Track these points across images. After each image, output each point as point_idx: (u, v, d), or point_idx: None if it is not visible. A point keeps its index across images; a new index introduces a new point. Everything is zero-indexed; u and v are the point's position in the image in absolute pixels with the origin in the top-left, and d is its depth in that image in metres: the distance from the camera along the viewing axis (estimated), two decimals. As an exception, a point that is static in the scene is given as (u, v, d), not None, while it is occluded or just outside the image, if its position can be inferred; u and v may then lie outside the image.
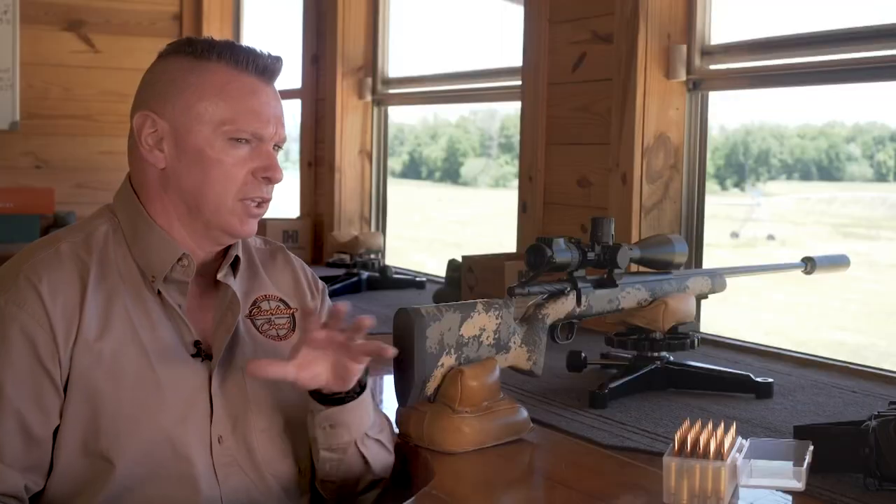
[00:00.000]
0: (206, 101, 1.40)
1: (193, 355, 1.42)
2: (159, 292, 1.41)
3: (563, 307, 1.80)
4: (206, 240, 1.45)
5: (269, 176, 1.43)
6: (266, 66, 1.43)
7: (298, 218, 4.17)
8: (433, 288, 3.26)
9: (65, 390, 1.35)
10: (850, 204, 16.48)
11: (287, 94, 4.64)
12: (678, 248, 1.96)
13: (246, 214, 1.43)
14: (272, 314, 1.52)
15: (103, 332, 1.36)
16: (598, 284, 1.87)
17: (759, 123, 18.51)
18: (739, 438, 1.44)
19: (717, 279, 2.05)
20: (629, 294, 1.91)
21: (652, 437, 1.67)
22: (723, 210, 15.73)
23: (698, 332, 2.08)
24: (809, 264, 2.16)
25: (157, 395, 1.37)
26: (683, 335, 1.99)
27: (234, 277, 1.48)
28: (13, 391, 1.33)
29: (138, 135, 1.41)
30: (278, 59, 1.46)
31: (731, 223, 15.34)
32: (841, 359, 2.30)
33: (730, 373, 2.02)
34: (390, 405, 1.89)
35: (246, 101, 1.41)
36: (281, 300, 1.54)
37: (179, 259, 1.42)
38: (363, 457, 1.47)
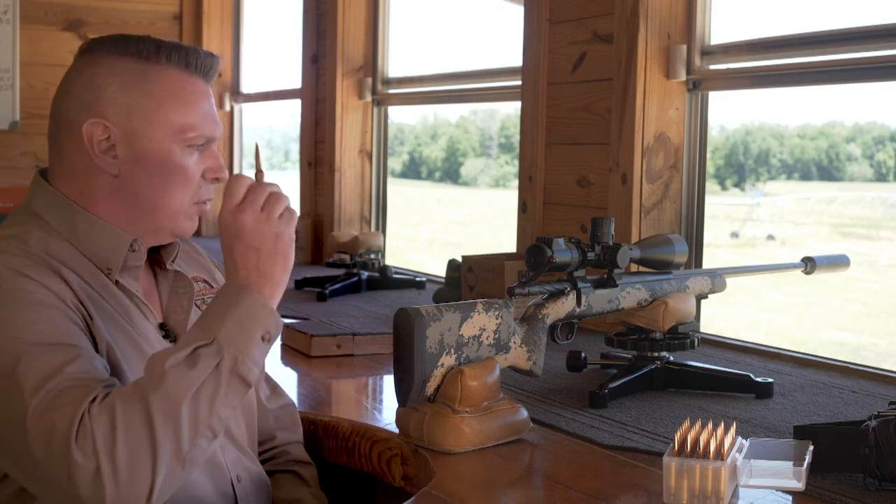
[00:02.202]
0: (164, 108, 1.36)
1: (164, 337, 1.43)
2: (117, 282, 1.39)
3: (563, 307, 1.80)
4: (150, 237, 1.43)
5: (219, 176, 1.43)
6: (210, 67, 1.42)
7: (298, 218, 4.17)
8: (433, 288, 3.26)
9: None
10: (850, 204, 16.48)
11: (287, 94, 4.65)
12: (678, 248, 1.96)
13: (195, 216, 1.43)
14: (204, 294, 1.54)
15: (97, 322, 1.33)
16: (598, 284, 1.87)
17: (759, 123, 18.52)
18: (739, 438, 1.44)
19: (717, 279, 2.05)
20: (629, 294, 1.91)
21: (652, 437, 1.67)
22: (723, 210, 15.74)
23: (698, 332, 2.08)
24: (809, 264, 2.17)
25: None
26: (683, 335, 1.99)
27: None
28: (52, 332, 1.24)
29: (89, 142, 1.35)
30: (218, 59, 1.44)
31: (731, 223, 15.35)
32: (841, 359, 2.30)
33: (730, 373, 2.02)
34: (390, 405, 1.90)
35: (200, 105, 1.39)
36: (204, 280, 1.57)
37: (130, 246, 1.39)
38: None
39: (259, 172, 1.34)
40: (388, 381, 2.13)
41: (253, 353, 1.23)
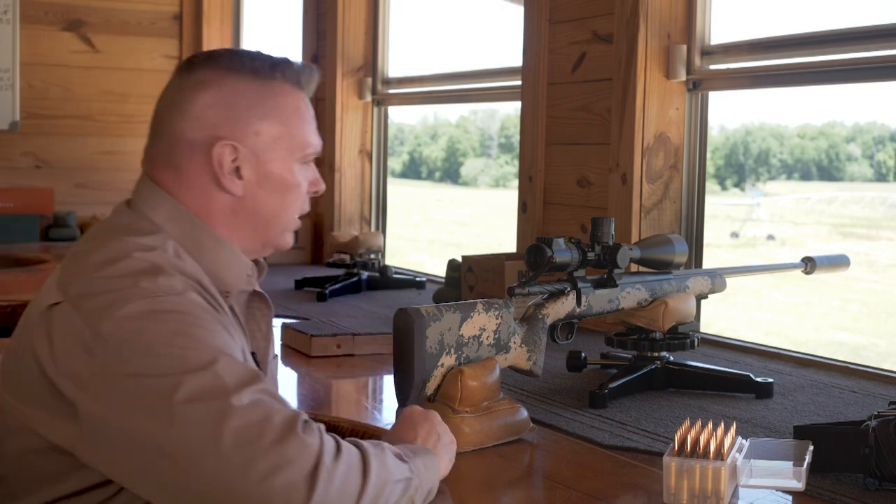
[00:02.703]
0: (286, 126, 1.37)
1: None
2: (231, 306, 1.38)
3: (563, 307, 1.80)
4: (255, 254, 1.43)
5: (318, 189, 1.44)
6: (314, 81, 1.43)
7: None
8: (433, 288, 3.26)
9: None
10: (850, 204, 16.49)
11: (287, 94, 4.64)
12: (678, 248, 1.96)
13: (294, 230, 1.45)
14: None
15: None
16: (598, 284, 1.87)
17: (759, 123, 18.53)
18: (739, 438, 1.44)
19: (717, 279, 2.05)
20: (629, 294, 1.91)
21: (652, 437, 1.67)
22: (723, 210, 15.75)
23: (698, 332, 2.08)
24: (809, 264, 2.16)
25: None
26: (683, 335, 1.99)
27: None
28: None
29: (219, 164, 1.34)
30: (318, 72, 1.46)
31: (731, 223, 15.35)
32: (841, 359, 2.30)
33: (730, 373, 2.02)
34: (390, 405, 1.90)
35: (311, 122, 1.41)
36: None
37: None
38: None
39: None
40: (388, 381, 2.13)
41: None
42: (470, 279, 2.79)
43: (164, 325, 1.18)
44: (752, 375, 1.98)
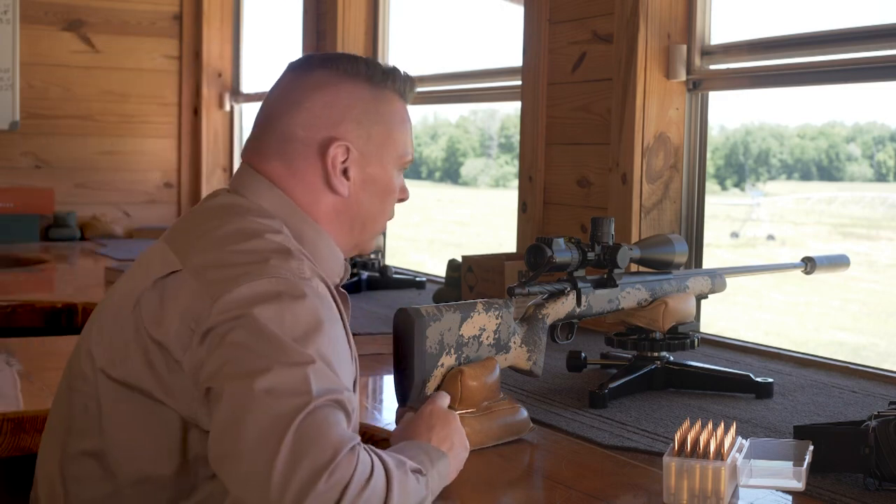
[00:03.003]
0: (394, 132, 1.44)
1: None
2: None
3: (563, 307, 1.80)
4: (345, 255, 1.47)
5: (405, 197, 1.51)
6: (413, 93, 1.49)
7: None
8: (433, 288, 3.26)
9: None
10: (850, 204, 16.50)
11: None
12: (678, 248, 1.96)
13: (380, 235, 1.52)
14: None
15: None
16: (598, 284, 1.87)
17: (759, 123, 18.54)
18: (739, 438, 1.44)
19: (717, 279, 2.05)
20: (629, 294, 1.91)
21: (652, 437, 1.67)
22: (723, 210, 15.76)
23: (698, 332, 2.08)
24: (809, 264, 2.16)
25: None
26: (683, 335, 1.99)
27: None
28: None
29: (332, 162, 1.39)
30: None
31: (731, 223, 15.36)
32: (841, 359, 2.30)
33: (730, 373, 2.02)
34: (390, 405, 1.90)
35: (411, 131, 1.49)
36: None
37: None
38: None
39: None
40: (388, 381, 2.12)
41: None
42: (470, 279, 2.79)
43: (283, 309, 1.21)
44: (752, 375, 1.98)
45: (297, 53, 4.28)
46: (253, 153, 1.44)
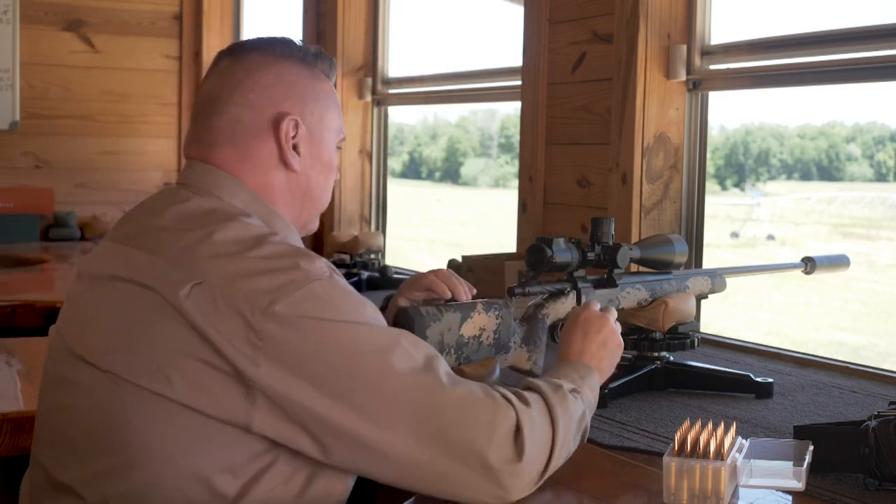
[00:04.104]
0: (331, 110, 1.47)
1: None
2: None
3: (563, 307, 1.80)
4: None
5: (338, 176, 1.53)
6: (335, 75, 1.52)
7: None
8: (433, 288, 3.25)
9: None
10: (850, 204, 16.49)
11: (287, 94, 4.64)
12: (678, 248, 1.96)
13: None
14: None
15: None
16: (598, 284, 1.87)
17: (759, 123, 18.53)
18: (739, 438, 1.44)
19: (717, 279, 2.05)
20: (629, 294, 1.91)
21: (652, 437, 1.67)
22: (723, 210, 15.75)
23: (698, 332, 2.08)
24: (809, 264, 2.16)
25: None
26: (683, 335, 1.99)
27: None
28: None
29: (286, 136, 1.41)
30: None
31: (731, 223, 15.36)
32: (841, 359, 2.30)
33: (730, 373, 2.02)
34: (390, 405, 1.89)
35: (341, 110, 1.52)
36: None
37: None
38: None
39: None
40: (388, 381, 2.12)
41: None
42: (470, 279, 2.78)
43: (340, 302, 1.27)
44: (752, 375, 1.98)
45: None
46: (199, 145, 1.43)
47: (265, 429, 1.24)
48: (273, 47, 1.45)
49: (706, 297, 2.08)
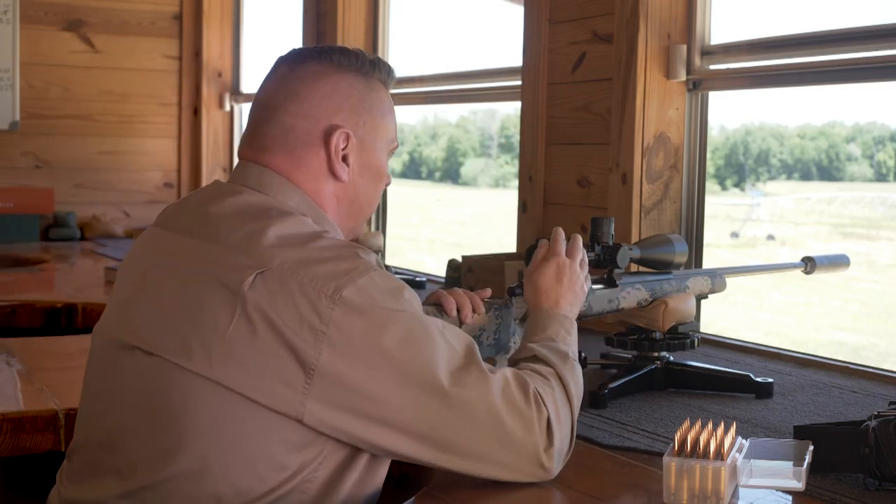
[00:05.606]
0: (384, 119, 1.49)
1: None
2: None
3: (563, 307, 1.80)
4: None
5: (390, 182, 1.56)
6: (393, 82, 1.54)
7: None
8: (433, 288, 3.25)
9: None
10: (850, 204, 16.50)
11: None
12: (678, 248, 1.96)
13: None
14: None
15: None
16: (598, 284, 1.87)
17: (759, 123, 18.54)
18: (739, 438, 1.44)
19: (717, 279, 2.05)
20: (629, 294, 1.91)
21: (652, 437, 1.67)
22: (723, 210, 15.76)
23: (698, 332, 2.08)
24: (809, 264, 2.16)
25: None
26: (683, 335, 1.99)
27: None
28: None
29: (335, 149, 1.43)
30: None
31: (731, 223, 15.37)
32: (841, 359, 2.29)
33: (730, 373, 2.02)
34: (390, 405, 1.89)
35: (395, 117, 1.54)
36: None
37: None
38: None
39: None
40: (388, 381, 2.12)
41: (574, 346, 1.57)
42: (470, 279, 2.79)
43: (397, 292, 1.33)
44: (752, 375, 1.98)
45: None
46: (253, 149, 1.45)
47: (317, 417, 1.27)
48: (330, 57, 1.46)
49: (706, 297, 2.08)
